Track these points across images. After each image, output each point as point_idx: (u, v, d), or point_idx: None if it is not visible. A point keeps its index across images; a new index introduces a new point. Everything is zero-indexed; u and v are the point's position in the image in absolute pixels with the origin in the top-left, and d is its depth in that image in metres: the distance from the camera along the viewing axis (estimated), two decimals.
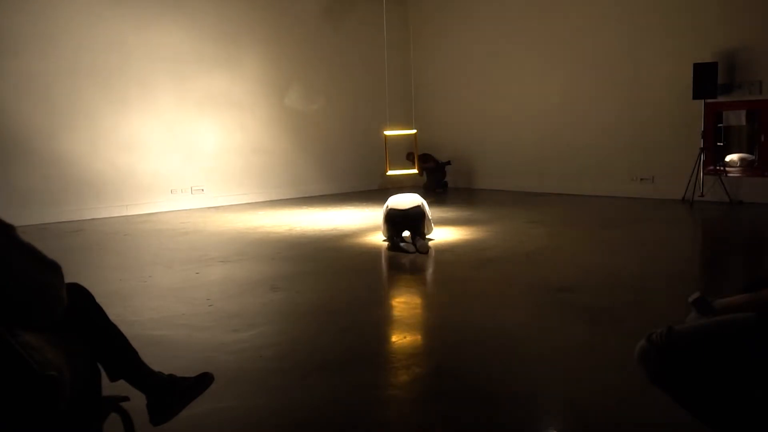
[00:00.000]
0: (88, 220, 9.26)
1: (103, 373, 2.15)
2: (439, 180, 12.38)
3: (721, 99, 9.04)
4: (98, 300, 2.16)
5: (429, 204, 6.91)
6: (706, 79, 8.79)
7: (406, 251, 6.29)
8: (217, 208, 10.41)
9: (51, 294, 1.74)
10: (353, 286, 5.25)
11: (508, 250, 6.35)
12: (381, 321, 4.29)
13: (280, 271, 5.70)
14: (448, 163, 12.40)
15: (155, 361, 2.40)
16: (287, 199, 11.40)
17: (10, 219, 1.75)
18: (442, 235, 7.16)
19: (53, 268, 1.75)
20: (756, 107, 8.91)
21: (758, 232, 7.52)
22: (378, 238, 7.05)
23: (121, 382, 2.21)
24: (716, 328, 1.99)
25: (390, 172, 9.34)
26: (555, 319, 4.13)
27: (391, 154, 9.38)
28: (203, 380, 2.38)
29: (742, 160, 9.27)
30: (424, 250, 6.25)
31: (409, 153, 11.82)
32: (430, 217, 6.78)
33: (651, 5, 9.77)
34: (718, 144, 9.26)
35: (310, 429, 2.69)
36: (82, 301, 2.08)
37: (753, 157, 9.16)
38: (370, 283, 5.38)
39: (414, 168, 9.92)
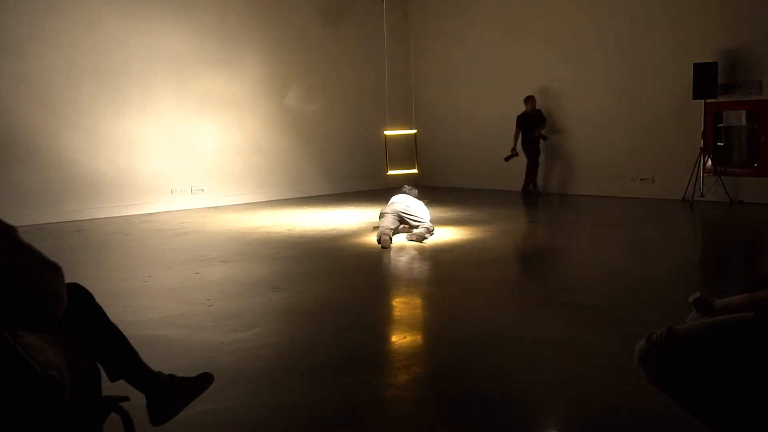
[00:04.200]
0: (89, 220, 9.25)
1: (103, 373, 2.15)
2: (531, 176, 11.01)
3: (721, 99, 9.04)
4: (98, 300, 2.16)
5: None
6: (706, 79, 8.80)
7: (383, 245, 6.53)
8: (217, 208, 10.41)
9: (51, 295, 1.74)
10: (353, 286, 5.25)
11: (508, 250, 6.35)
12: (381, 321, 4.30)
13: (280, 271, 5.70)
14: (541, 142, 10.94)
15: (155, 361, 2.40)
16: (287, 199, 11.40)
17: (10, 219, 1.76)
18: (442, 235, 7.15)
19: (54, 269, 1.75)
20: (756, 107, 8.91)
21: (758, 232, 7.52)
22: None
23: (121, 382, 2.21)
24: (716, 328, 1.99)
25: (390, 172, 9.34)
26: (555, 320, 4.13)
27: (390, 153, 9.38)
28: (203, 380, 2.38)
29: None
30: (418, 238, 6.59)
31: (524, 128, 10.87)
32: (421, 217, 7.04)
33: (651, 5, 9.77)
34: (718, 144, 9.26)
35: (310, 429, 2.69)
36: (82, 301, 2.08)
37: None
38: (370, 283, 5.38)
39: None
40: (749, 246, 6.88)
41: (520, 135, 10.90)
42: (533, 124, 10.81)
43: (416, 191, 7.65)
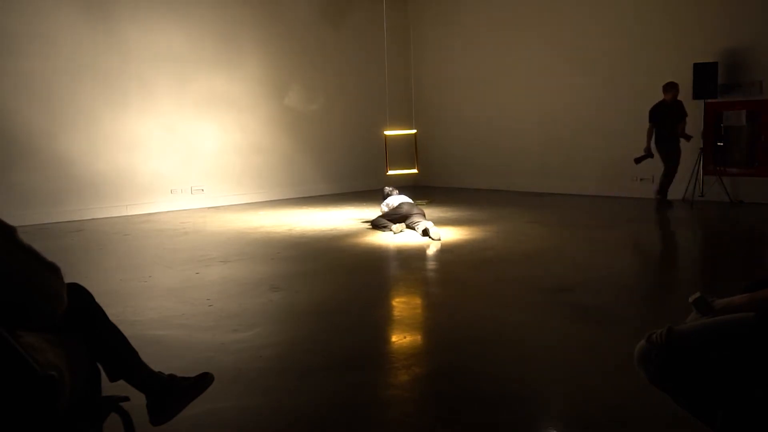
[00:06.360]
0: (88, 220, 9.25)
1: (103, 373, 2.15)
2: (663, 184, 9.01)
3: (721, 99, 9.04)
4: (98, 300, 2.16)
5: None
6: (706, 79, 8.80)
7: (392, 231, 7.22)
8: (217, 208, 10.41)
9: (51, 295, 1.74)
10: (353, 286, 5.25)
11: (508, 250, 6.35)
12: (381, 321, 4.29)
13: (280, 271, 5.70)
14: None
15: (155, 361, 2.40)
16: (287, 199, 11.40)
17: (10, 219, 1.76)
18: (442, 235, 7.15)
19: (53, 270, 1.75)
20: (756, 107, 8.91)
21: (758, 232, 7.51)
22: (378, 239, 7.05)
23: (121, 382, 2.21)
24: (716, 328, 1.99)
25: (390, 172, 9.34)
26: (555, 319, 4.13)
27: (390, 153, 9.38)
28: (203, 380, 2.38)
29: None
30: (436, 236, 6.82)
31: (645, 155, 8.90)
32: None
33: (652, 6, 9.77)
34: (719, 144, 9.26)
35: (310, 429, 2.69)
36: (82, 301, 2.08)
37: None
38: (369, 283, 5.38)
39: None
40: (749, 246, 6.88)
41: (654, 131, 8.97)
42: (673, 118, 8.84)
43: (397, 190, 8.31)
